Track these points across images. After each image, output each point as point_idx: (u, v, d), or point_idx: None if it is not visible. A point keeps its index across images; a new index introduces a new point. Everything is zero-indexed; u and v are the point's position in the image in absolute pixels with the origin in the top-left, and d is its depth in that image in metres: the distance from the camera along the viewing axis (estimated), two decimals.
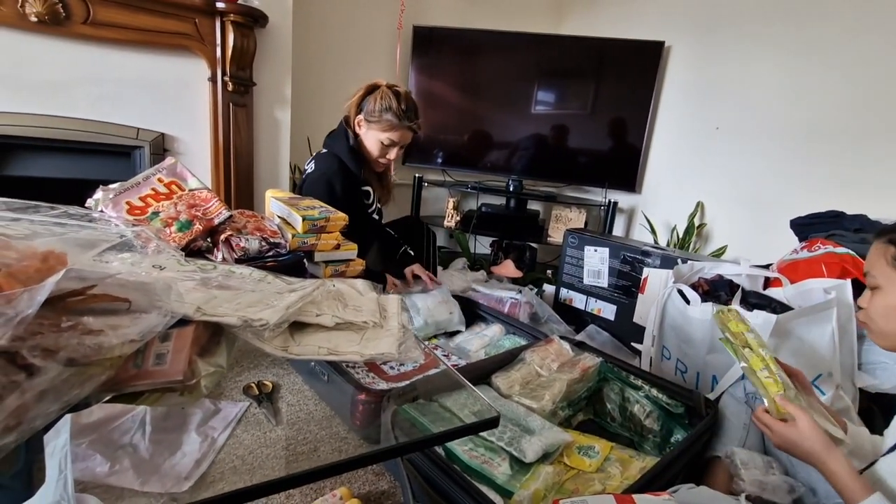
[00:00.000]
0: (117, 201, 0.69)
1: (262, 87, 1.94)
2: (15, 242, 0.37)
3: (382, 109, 1.37)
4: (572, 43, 2.45)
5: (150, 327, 0.39)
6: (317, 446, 0.72)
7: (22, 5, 1.45)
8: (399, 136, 1.41)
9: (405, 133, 1.42)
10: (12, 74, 1.52)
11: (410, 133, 1.44)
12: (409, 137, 1.45)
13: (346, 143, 1.43)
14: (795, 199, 1.85)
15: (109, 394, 0.39)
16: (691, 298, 1.22)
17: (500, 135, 2.58)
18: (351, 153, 1.43)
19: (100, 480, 0.63)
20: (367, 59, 2.44)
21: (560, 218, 2.49)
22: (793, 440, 0.72)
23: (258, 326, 0.46)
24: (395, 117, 1.37)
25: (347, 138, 1.44)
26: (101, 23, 1.57)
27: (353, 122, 1.45)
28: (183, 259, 0.58)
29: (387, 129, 1.39)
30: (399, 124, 1.38)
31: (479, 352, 1.35)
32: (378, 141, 1.41)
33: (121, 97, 1.69)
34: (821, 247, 1.34)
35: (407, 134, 1.43)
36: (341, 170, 1.40)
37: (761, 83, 2.03)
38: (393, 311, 0.61)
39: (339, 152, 1.44)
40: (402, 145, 1.45)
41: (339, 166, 1.40)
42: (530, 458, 0.82)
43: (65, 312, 0.36)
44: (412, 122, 1.41)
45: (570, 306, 1.87)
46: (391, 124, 1.38)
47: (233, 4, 1.70)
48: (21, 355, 0.31)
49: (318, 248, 0.83)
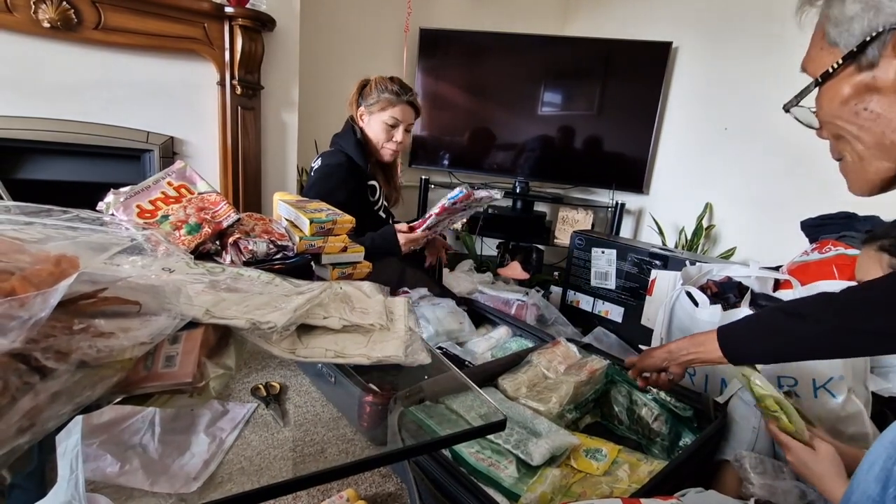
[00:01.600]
0: (128, 204, 0.70)
1: (269, 90, 1.95)
2: (28, 246, 0.37)
3: (379, 92, 1.44)
4: (579, 44, 2.44)
5: (160, 330, 0.40)
6: (324, 448, 0.72)
7: (35, 11, 1.47)
8: (400, 111, 1.44)
9: (405, 108, 1.44)
10: (25, 79, 1.55)
11: (411, 109, 1.46)
12: (410, 115, 1.46)
13: (353, 138, 1.47)
14: (805, 201, 1.83)
15: (120, 395, 0.40)
16: (700, 300, 1.22)
17: (507, 136, 2.57)
18: (357, 146, 1.45)
19: (110, 480, 0.63)
20: (373, 61, 2.45)
21: (567, 219, 2.48)
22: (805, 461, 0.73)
23: (266, 329, 0.47)
24: (393, 94, 1.43)
25: (354, 133, 1.48)
26: (112, 28, 1.59)
27: (356, 117, 1.49)
28: (192, 262, 0.59)
29: (386, 106, 1.43)
30: (398, 100, 1.43)
31: (485, 354, 1.35)
32: (382, 123, 1.44)
33: (131, 101, 1.71)
34: (832, 248, 1.32)
35: (407, 110, 1.45)
36: (347, 162, 1.42)
37: (770, 83, 2.01)
38: (400, 313, 0.62)
39: (345, 147, 1.47)
40: (407, 126, 1.47)
41: (345, 159, 1.43)
42: (537, 460, 0.82)
43: (77, 315, 0.37)
44: (409, 96, 1.45)
45: (577, 308, 1.86)
46: (390, 101, 1.43)
47: (241, 9, 1.72)
48: (35, 357, 0.32)
49: (326, 251, 0.84)
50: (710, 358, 0.79)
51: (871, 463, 0.56)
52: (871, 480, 0.55)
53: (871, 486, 0.55)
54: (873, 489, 0.55)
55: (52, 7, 1.48)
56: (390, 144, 1.47)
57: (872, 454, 0.57)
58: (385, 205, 1.58)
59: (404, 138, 1.47)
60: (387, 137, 1.46)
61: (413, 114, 1.48)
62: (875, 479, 0.55)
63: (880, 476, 0.54)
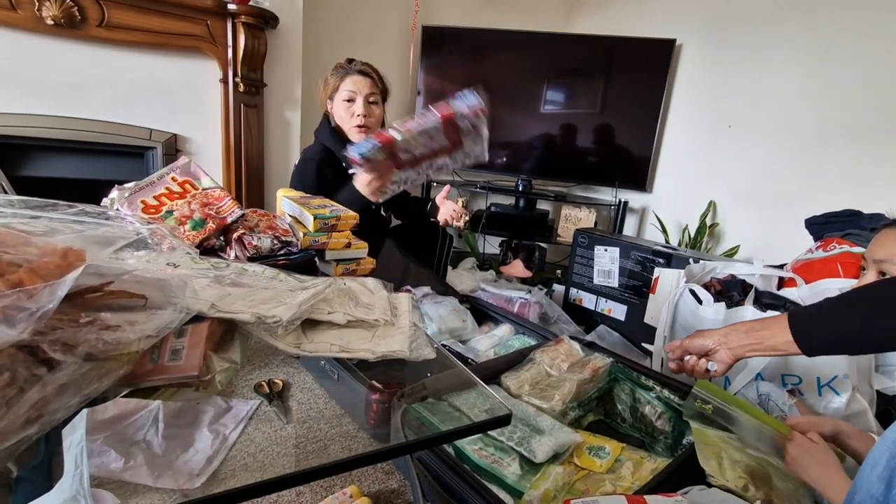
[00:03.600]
0: (132, 200, 0.70)
1: (272, 87, 1.95)
2: (35, 239, 0.37)
3: (331, 75, 1.46)
4: (582, 42, 2.43)
5: (165, 323, 0.40)
6: (327, 444, 0.73)
7: (39, 8, 1.48)
8: (351, 82, 1.42)
9: (356, 78, 1.43)
10: (28, 76, 1.55)
11: (364, 78, 1.43)
12: (365, 84, 1.43)
13: (328, 127, 1.48)
14: (810, 198, 1.83)
15: (127, 388, 0.40)
16: (703, 298, 1.21)
17: (510, 134, 2.57)
18: (332, 135, 1.46)
19: (114, 476, 0.64)
20: (376, 59, 2.43)
21: (570, 218, 2.47)
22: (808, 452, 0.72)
23: (271, 323, 0.47)
24: (342, 69, 1.44)
25: (328, 122, 1.49)
26: (116, 25, 1.59)
27: (328, 112, 1.50)
28: (197, 257, 0.59)
29: (339, 84, 1.43)
30: (346, 72, 1.43)
31: (488, 352, 1.35)
32: (341, 101, 1.44)
33: (134, 98, 1.71)
34: (836, 246, 1.32)
35: (359, 80, 1.43)
36: (323, 152, 1.43)
37: (774, 80, 2.00)
38: (404, 308, 0.61)
39: (322, 139, 1.48)
40: (368, 97, 1.43)
41: (320, 150, 1.44)
42: (540, 458, 0.82)
43: (83, 308, 0.37)
44: (358, 65, 1.44)
45: (580, 306, 1.86)
46: (340, 76, 1.44)
47: (244, 6, 1.72)
48: (42, 349, 0.32)
49: (329, 247, 0.84)
50: (774, 346, 0.72)
51: (875, 462, 0.56)
52: (874, 480, 0.55)
53: (874, 486, 0.55)
54: (877, 489, 0.54)
55: (56, 4, 1.48)
56: (353, 120, 1.43)
57: (876, 453, 0.56)
58: None
59: (367, 110, 1.43)
60: (349, 114, 1.44)
61: (369, 83, 1.44)
62: (878, 478, 0.54)
63: (884, 475, 0.54)
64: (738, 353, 0.77)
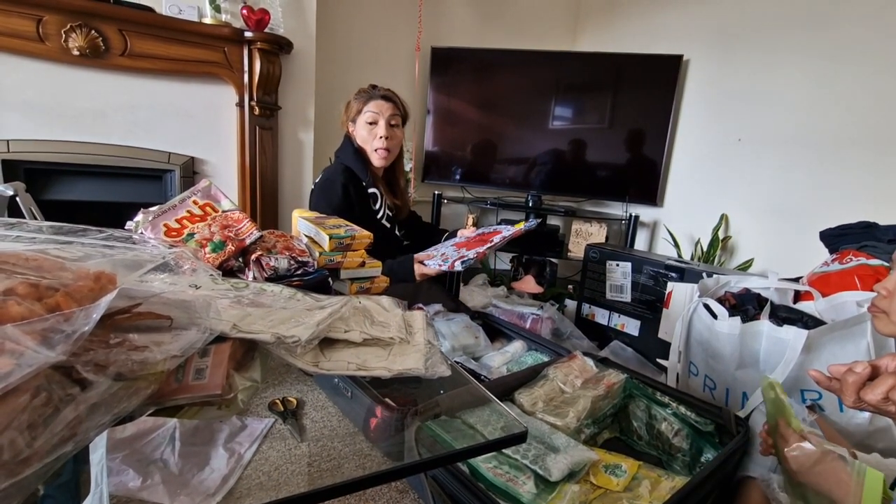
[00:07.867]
0: (155, 224, 0.72)
1: (286, 110, 2.01)
2: (70, 264, 0.39)
3: (354, 99, 1.51)
4: (589, 59, 2.47)
5: (190, 343, 0.41)
6: (340, 463, 0.73)
7: (65, 40, 1.55)
8: (374, 105, 1.48)
9: (381, 103, 1.48)
10: (55, 104, 1.62)
11: (387, 102, 1.49)
12: (387, 108, 1.48)
13: (350, 148, 1.52)
14: (824, 210, 1.81)
15: (153, 407, 0.41)
16: (718, 313, 1.20)
17: (519, 151, 2.60)
18: (355, 156, 1.51)
19: (132, 495, 0.64)
20: (387, 80, 2.49)
21: (580, 233, 2.47)
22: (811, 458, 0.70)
23: (291, 343, 0.48)
24: (364, 93, 1.50)
25: (351, 143, 1.54)
26: (138, 54, 1.66)
27: (350, 133, 1.55)
28: (218, 278, 0.60)
29: (362, 107, 1.49)
30: (369, 96, 1.49)
31: (501, 368, 1.34)
32: (364, 124, 1.49)
33: (153, 123, 1.77)
34: (853, 258, 1.30)
35: (382, 103, 1.48)
36: (346, 172, 1.47)
37: (783, 93, 2.01)
38: (419, 326, 0.62)
39: (344, 159, 1.52)
40: (389, 120, 1.49)
41: (343, 170, 1.47)
42: (556, 476, 0.81)
43: (112, 329, 0.39)
44: (381, 91, 1.50)
45: (593, 322, 1.85)
46: (363, 100, 1.49)
47: (260, 33, 1.78)
48: (76, 370, 0.33)
49: (345, 266, 0.85)
50: None
51: None
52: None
53: None
54: None
55: (82, 36, 1.55)
56: (376, 142, 1.49)
57: None
58: (389, 213, 1.60)
59: (390, 133, 1.48)
60: (372, 136, 1.49)
61: (391, 107, 1.49)
62: None
63: None
64: None
